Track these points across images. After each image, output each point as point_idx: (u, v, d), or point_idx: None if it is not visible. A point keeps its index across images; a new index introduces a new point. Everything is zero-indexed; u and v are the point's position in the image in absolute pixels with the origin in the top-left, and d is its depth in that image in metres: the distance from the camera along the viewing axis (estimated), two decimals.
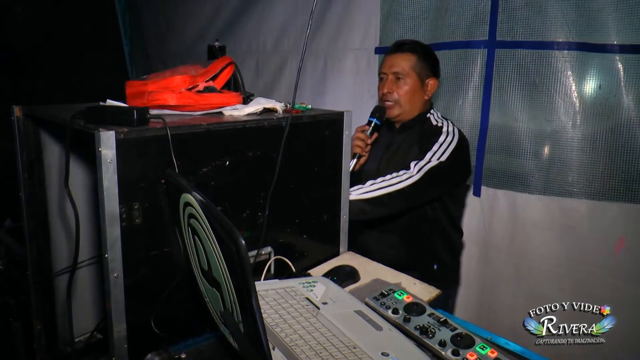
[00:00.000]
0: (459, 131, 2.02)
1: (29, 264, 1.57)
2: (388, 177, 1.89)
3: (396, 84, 2.02)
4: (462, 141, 1.98)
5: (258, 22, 3.28)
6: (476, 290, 2.47)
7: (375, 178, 1.94)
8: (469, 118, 2.40)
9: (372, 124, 2.04)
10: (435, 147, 1.91)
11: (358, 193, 1.85)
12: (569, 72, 2.12)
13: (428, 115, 2.06)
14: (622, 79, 2.02)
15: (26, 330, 1.78)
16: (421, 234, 2.02)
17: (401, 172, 1.88)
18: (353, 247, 2.08)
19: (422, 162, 1.89)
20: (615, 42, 2.02)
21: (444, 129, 1.98)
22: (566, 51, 2.11)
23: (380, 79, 2.09)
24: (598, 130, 2.08)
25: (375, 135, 2.08)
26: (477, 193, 2.42)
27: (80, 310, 1.68)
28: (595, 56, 2.07)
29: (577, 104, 2.12)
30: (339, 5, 2.83)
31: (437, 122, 2.04)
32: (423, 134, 2.01)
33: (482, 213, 2.41)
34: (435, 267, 2.03)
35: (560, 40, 2.12)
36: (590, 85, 2.10)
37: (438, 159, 1.89)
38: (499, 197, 2.35)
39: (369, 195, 1.84)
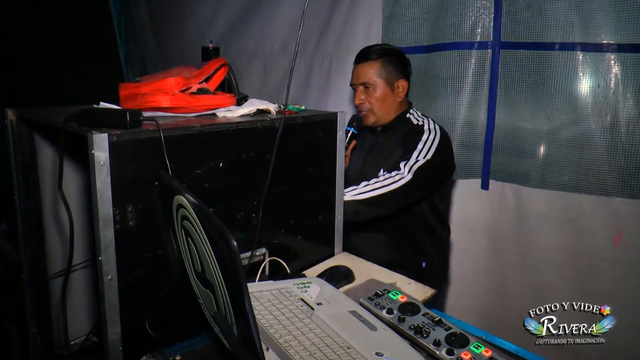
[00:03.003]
0: (440, 128, 2.05)
1: (24, 267, 1.57)
2: (381, 178, 1.90)
3: (366, 93, 2.07)
4: (444, 137, 2.02)
5: (264, 23, 3.28)
6: (486, 279, 2.51)
7: (362, 180, 1.96)
8: (476, 116, 2.43)
9: (350, 133, 2.08)
10: (420, 146, 1.95)
11: (352, 194, 1.86)
12: (571, 72, 2.15)
13: (408, 115, 2.10)
14: (620, 77, 2.04)
15: (22, 333, 1.78)
16: (409, 232, 2.05)
17: (393, 173, 1.90)
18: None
19: (411, 162, 1.91)
20: (615, 41, 2.04)
21: (426, 127, 2.01)
22: (568, 51, 2.14)
23: (353, 90, 2.15)
24: (598, 127, 2.11)
25: (353, 142, 2.12)
26: (485, 186, 2.45)
27: (76, 313, 1.68)
28: (595, 55, 2.09)
29: (579, 103, 2.14)
30: (343, 6, 2.85)
31: (418, 120, 2.07)
32: (406, 134, 2.04)
33: (490, 205, 2.46)
34: (424, 265, 2.06)
35: (563, 40, 2.15)
36: (590, 84, 2.12)
37: (424, 157, 1.92)
38: (506, 190, 2.40)
39: (363, 197, 1.86)
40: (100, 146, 1.10)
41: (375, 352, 1.08)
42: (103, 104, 1.39)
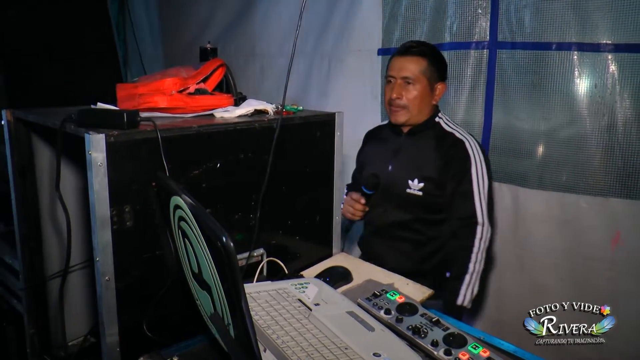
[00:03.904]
0: (478, 143, 1.94)
1: (22, 268, 1.57)
2: (476, 245, 1.84)
3: (405, 88, 1.92)
4: (487, 157, 1.93)
5: (261, 24, 3.28)
6: (484, 279, 2.51)
7: (386, 185, 1.92)
8: (473, 117, 2.43)
9: (366, 195, 1.95)
10: (474, 179, 1.86)
11: (475, 276, 1.84)
12: (567, 72, 2.15)
13: (437, 119, 1.99)
14: (617, 77, 2.05)
15: (19, 334, 1.78)
16: (435, 242, 1.95)
17: (478, 230, 1.84)
18: (364, 255, 2.08)
19: (482, 210, 1.86)
20: (612, 41, 2.04)
21: (467, 145, 1.90)
22: (564, 51, 2.14)
23: (388, 82, 1.98)
24: (595, 127, 2.11)
25: (362, 200, 2.00)
26: None
27: (74, 314, 1.67)
28: (592, 55, 2.09)
29: (576, 103, 2.14)
30: (343, 6, 2.85)
31: (451, 128, 1.96)
32: (441, 144, 1.93)
33: None
34: (447, 274, 1.94)
35: (559, 40, 2.15)
36: (587, 84, 2.12)
37: (486, 194, 1.87)
38: (504, 190, 2.40)
39: (481, 269, 1.85)
40: (98, 147, 1.10)
41: (373, 353, 1.08)
42: (100, 105, 1.39)
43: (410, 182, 1.89)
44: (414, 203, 1.90)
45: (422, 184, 1.88)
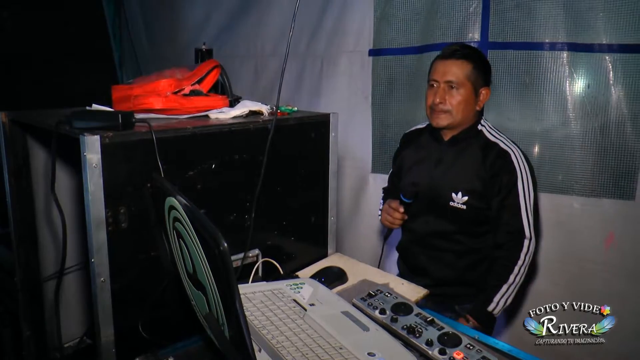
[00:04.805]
0: (521, 152, 1.89)
1: (17, 269, 1.57)
2: (521, 257, 1.82)
3: (449, 93, 1.86)
4: (532, 169, 1.88)
5: (256, 25, 3.28)
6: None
7: (429, 195, 1.87)
8: None
9: (404, 203, 1.90)
10: (520, 192, 1.82)
11: (514, 286, 1.81)
12: (560, 72, 2.15)
13: (480, 127, 1.93)
14: (610, 78, 2.05)
15: (15, 336, 1.78)
16: (478, 252, 1.92)
17: (525, 244, 1.82)
18: (403, 261, 2.06)
19: (529, 221, 1.83)
20: (604, 41, 2.05)
21: (513, 157, 1.85)
22: (557, 51, 2.14)
23: (430, 86, 1.91)
24: (588, 128, 2.11)
25: (401, 209, 1.94)
26: None
27: (70, 315, 1.68)
28: (584, 56, 2.09)
29: (568, 103, 2.15)
30: (335, 8, 2.85)
31: (494, 137, 1.91)
32: (485, 155, 1.87)
33: None
34: None
35: (552, 40, 2.15)
36: (580, 85, 2.12)
37: (532, 207, 1.84)
38: None
39: (521, 280, 1.82)
40: (92, 148, 1.11)
41: (368, 353, 1.09)
42: (95, 106, 1.39)
43: (454, 194, 1.85)
44: (457, 216, 1.86)
45: (466, 197, 1.84)
